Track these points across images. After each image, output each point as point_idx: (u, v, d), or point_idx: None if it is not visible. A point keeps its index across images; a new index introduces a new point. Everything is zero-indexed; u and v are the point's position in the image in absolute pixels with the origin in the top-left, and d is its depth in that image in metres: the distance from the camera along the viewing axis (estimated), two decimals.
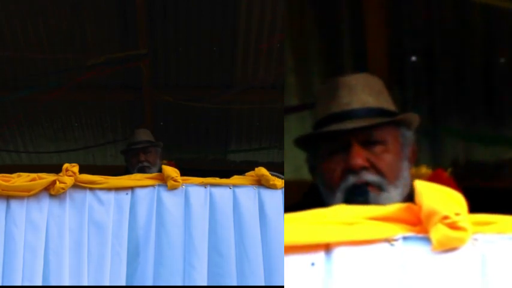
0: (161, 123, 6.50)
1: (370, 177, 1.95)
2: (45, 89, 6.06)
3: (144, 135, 4.60)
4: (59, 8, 5.61)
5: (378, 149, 1.98)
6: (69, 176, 2.85)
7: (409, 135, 2.04)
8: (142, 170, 4.22)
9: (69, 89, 6.04)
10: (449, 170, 2.09)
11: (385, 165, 1.97)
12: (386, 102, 2.05)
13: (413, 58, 5.18)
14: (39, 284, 2.74)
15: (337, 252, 1.52)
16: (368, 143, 1.98)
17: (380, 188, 1.95)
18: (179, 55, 6.05)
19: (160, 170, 4.36)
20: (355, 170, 1.96)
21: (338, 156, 2.00)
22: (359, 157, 1.96)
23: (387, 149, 1.99)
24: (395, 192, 1.94)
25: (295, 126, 5.54)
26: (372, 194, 1.94)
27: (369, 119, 1.98)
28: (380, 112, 2.01)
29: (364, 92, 2.02)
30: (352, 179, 1.96)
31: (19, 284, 2.72)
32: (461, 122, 5.37)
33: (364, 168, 1.96)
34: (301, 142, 2.12)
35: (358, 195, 1.93)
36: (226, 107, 6.49)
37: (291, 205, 2.16)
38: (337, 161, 2.00)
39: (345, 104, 2.02)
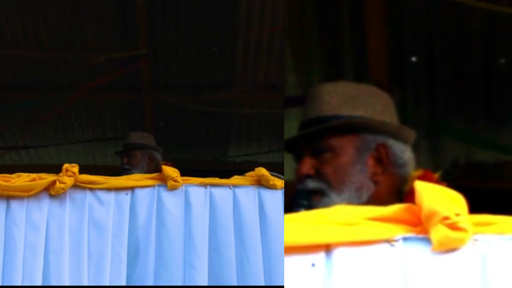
0: (161, 124, 6.50)
1: (312, 184, 2.00)
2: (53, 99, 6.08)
3: (131, 137, 4.63)
4: (59, 8, 5.62)
5: (326, 156, 2.02)
6: (69, 176, 2.85)
7: (372, 139, 2.04)
8: (124, 172, 4.28)
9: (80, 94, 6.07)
10: (439, 173, 2.09)
11: (330, 172, 2.01)
12: (350, 109, 2.06)
13: (413, 58, 5.18)
14: (39, 284, 2.74)
15: (338, 252, 1.52)
16: (317, 151, 2.03)
17: (322, 194, 1.98)
18: (179, 55, 6.06)
19: (149, 172, 4.40)
20: (300, 179, 2.03)
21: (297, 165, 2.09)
22: (304, 166, 2.03)
23: (335, 156, 2.02)
24: (339, 197, 1.97)
25: (295, 126, 5.54)
26: (314, 200, 1.98)
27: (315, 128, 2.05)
28: (336, 119, 2.04)
29: (324, 99, 2.07)
30: (300, 187, 2.03)
31: (19, 284, 2.72)
32: (461, 122, 5.38)
33: (308, 176, 2.01)
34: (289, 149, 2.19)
35: (298, 197, 1.99)
36: (227, 110, 6.50)
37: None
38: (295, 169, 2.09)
39: (305, 114, 2.10)
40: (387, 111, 2.09)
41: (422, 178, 2.02)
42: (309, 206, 1.94)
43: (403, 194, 2.02)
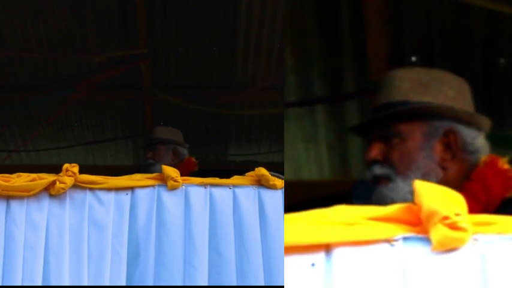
0: (161, 123, 6.49)
1: (379, 170, 2.04)
2: (56, 96, 6.08)
3: (156, 132, 4.64)
4: (59, 8, 5.62)
5: (394, 141, 2.05)
6: (69, 176, 2.85)
7: (440, 125, 2.05)
8: (148, 167, 4.28)
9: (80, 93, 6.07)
10: (506, 157, 2.09)
11: (396, 157, 2.03)
12: (420, 95, 2.07)
13: (413, 58, 5.18)
14: (39, 284, 2.74)
15: (338, 252, 1.52)
16: (386, 137, 2.06)
17: (388, 179, 2.01)
18: (179, 55, 6.05)
19: (174, 167, 4.39)
20: (368, 164, 2.06)
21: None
22: (372, 151, 2.06)
23: (403, 141, 2.04)
24: (405, 183, 1.98)
25: (295, 126, 5.54)
26: (380, 185, 2.02)
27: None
28: (405, 105, 2.06)
29: (395, 85, 2.09)
30: (367, 173, 2.06)
31: (19, 284, 2.71)
32: None
33: (375, 161, 2.04)
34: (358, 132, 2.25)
35: (357, 188, 2.04)
36: (227, 112, 6.49)
37: (292, 205, 2.17)
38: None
39: (376, 101, 2.13)
40: (460, 97, 2.10)
41: (489, 163, 2.04)
42: (369, 198, 1.96)
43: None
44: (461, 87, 2.13)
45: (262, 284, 2.85)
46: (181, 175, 3.01)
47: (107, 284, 2.80)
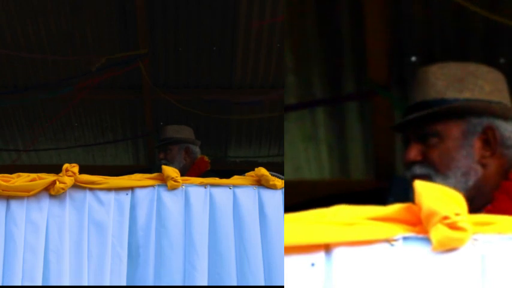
0: (161, 123, 6.50)
1: (418, 170, 2.01)
2: (56, 93, 6.08)
3: (167, 131, 4.56)
4: (59, 9, 5.62)
5: (432, 140, 2.03)
6: (69, 176, 2.85)
7: (478, 122, 2.02)
8: (160, 168, 4.25)
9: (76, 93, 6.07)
10: None
11: (436, 157, 2.01)
12: (457, 91, 2.04)
13: (413, 58, 5.18)
14: (39, 284, 2.74)
15: (337, 252, 1.52)
16: (423, 137, 2.04)
17: (428, 180, 1.96)
18: (179, 55, 6.05)
19: (187, 166, 4.36)
20: (407, 164, 2.04)
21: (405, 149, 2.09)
22: (411, 152, 2.04)
23: (441, 140, 2.02)
24: (445, 183, 1.94)
25: (295, 126, 5.54)
26: None
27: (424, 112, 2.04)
28: (441, 103, 2.03)
29: (430, 82, 2.06)
30: (407, 173, 2.04)
31: (19, 284, 2.71)
32: None
33: (415, 162, 2.03)
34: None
35: (394, 187, 2.03)
36: (227, 116, 6.50)
37: (292, 205, 2.16)
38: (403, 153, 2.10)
39: (411, 99, 2.10)
40: (497, 91, 2.07)
41: None
42: (405, 196, 1.92)
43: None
44: (497, 79, 2.09)
45: (262, 284, 2.85)
46: (195, 176, 3.00)
47: (107, 284, 2.80)
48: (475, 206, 1.90)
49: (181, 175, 3.01)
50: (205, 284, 2.83)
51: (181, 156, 4.43)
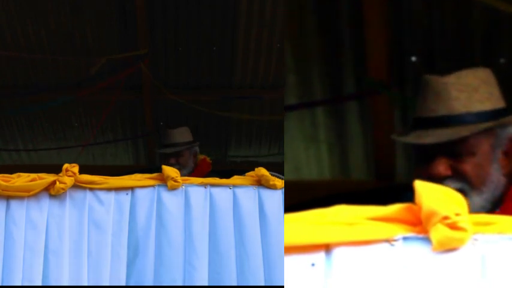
0: (161, 123, 6.50)
1: (451, 185, 1.93)
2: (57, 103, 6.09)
3: (174, 137, 4.49)
4: (58, 9, 5.62)
5: (464, 155, 1.98)
6: (69, 176, 2.85)
7: (503, 133, 2.01)
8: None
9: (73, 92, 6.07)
10: None
11: (470, 171, 1.97)
12: (479, 103, 2.01)
13: (413, 58, 5.18)
14: (39, 284, 2.74)
15: (337, 252, 1.52)
16: (453, 151, 1.98)
17: (463, 195, 1.86)
18: (179, 55, 6.05)
19: (193, 169, 4.34)
20: (438, 179, 1.95)
21: (424, 163, 2.00)
22: (440, 167, 1.98)
23: (473, 154, 1.98)
24: (479, 197, 1.94)
25: (295, 126, 5.54)
26: None
27: (453, 128, 1.98)
28: (468, 117, 1.99)
29: (452, 95, 2.00)
30: None
31: (19, 284, 2.71)
32: None
33: (446, 177, 1.97)
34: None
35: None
36: (227, 114, 6.49)
37: (292, 205, 2.15)
38: (423, 168, 2.01)
39: (430, 110, 2.02)
40: (499, 92, 2.06)
41: None
42: None
43: None
44: (493, 80, 2.08)
45: (262, 284, 2.85)
46: (198, 176, 3.00)
47: (107, 284, 2.80)
48: (490, 212, 1.91)
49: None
50: (205, 284, 2.83)
51: (191, 160, 4.43)
